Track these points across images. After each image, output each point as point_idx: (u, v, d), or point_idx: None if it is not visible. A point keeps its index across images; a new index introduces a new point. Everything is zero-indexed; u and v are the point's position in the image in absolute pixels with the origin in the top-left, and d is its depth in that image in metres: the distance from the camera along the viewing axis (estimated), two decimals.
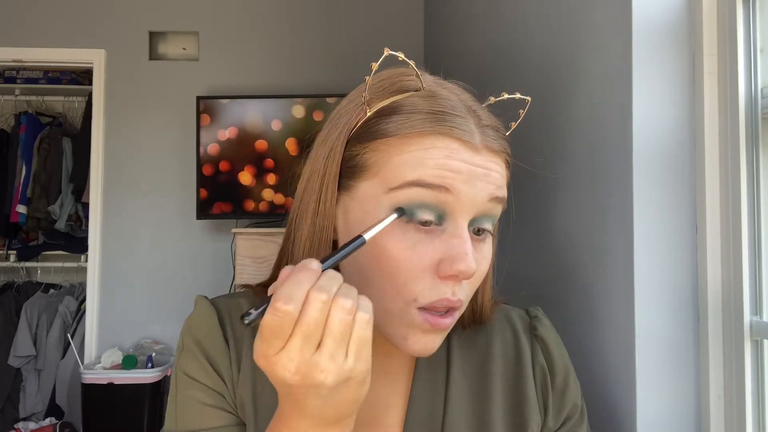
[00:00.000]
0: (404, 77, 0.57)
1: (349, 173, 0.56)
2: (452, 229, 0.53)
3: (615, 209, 0.82)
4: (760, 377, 0.72)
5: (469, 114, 0.55)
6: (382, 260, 0.52)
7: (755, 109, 0.73)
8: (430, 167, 0.52)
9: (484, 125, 0.55)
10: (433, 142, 0.53)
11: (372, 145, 0.55)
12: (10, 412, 3.06)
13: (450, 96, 0.56)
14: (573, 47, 0.98)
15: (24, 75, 3.29)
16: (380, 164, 0.54)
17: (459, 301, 0.53)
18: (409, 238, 0.52)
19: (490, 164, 0.54)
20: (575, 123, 0.97)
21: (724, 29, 0.75)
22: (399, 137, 0.53)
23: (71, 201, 3.16)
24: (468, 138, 0.53)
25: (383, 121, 0.54)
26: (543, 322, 0.69)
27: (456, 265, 0.51)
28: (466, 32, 1.80)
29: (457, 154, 0.52)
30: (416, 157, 0.52)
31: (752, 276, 0.72)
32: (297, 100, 2.71)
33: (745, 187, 0.73)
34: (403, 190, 0.52)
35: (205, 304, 0.65)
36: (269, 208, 2.70)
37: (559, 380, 0.66)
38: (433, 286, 0.52)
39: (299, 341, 0.43)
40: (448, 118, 0.53)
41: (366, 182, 0.55)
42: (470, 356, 0.66)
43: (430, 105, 0.54)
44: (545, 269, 1.08)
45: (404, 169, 0.52)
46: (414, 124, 0.53)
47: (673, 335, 0.77)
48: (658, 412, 0.76)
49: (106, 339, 2.87)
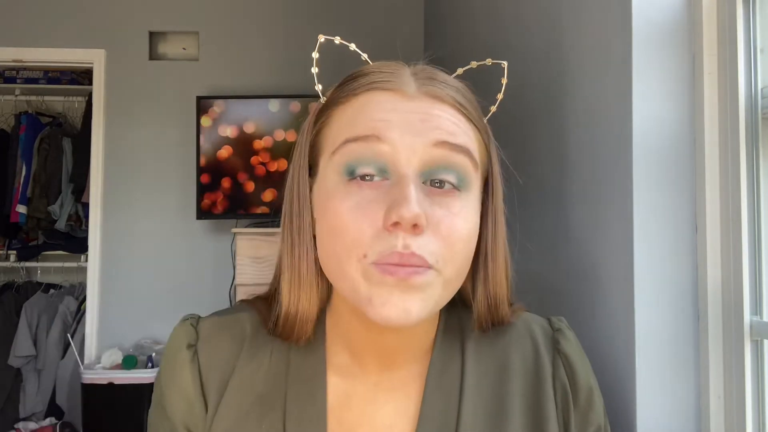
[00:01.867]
0: (361, 65, 0.58)
1: (312, 158, 0.58)
2: (395, 179, 0.51)
3: (615, 209, 0.82)
4: (760, 377, 0.72)
5: (411, 73, 0.55)
6: (332, 222, 0.51)
7: (755, 108, 0.73)
8: (361, 121, 0.52)
9: (429, 78, 0.55)
10: (363, 99, 0.53)
11: (321, 123, 0.57)
12: (10, 412, 3.06)
13: (397, 63, 0.56)
14: (573, 47, 0.98)
15: (24, 75, 3.29)
16: (326, 137, 0.56)
17: (413, 255, 0.49)
18: (352, 196, 0.51)
19: (431, 109, 0.53)
20: (575, 123, 0.97)
21: (724, 29, 0.75)
22: (339, 105, 0.55)
23: (71, 201, 3.15)
24: (398, 86, 0.53)
25: (329, 99, 0.57)
26: (567, 335, 0.64)
27: (397, 210, 0.48)
28: (466, 33, 1.80)
29: (387, 104, 0.52)
30: (350, 116, 0.53)
31: (752, 276, 0.72)
32: (297, 100, 2.71)
33: (745, 186, 0.73)
34: (341, 150, 0.52)
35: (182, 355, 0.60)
36: (269, 208, 2.70)
37: (583, 399, 0.61)
38: (382, 239, 0.49)
39: None
40: (376, 75, 0.54)
41: (321, 159, 0.56)
42: (486, 370, 0.61)
43: (370, 69, 0.56)
44: (544, 269, 1.08)
45: (341, 131, 0.53)
46: (348, 89, 0.54)
47: (673, 335, 0.77)
48: (657, 412, 0.76)
49: (106, 339, 2.87)
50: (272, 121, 2.71)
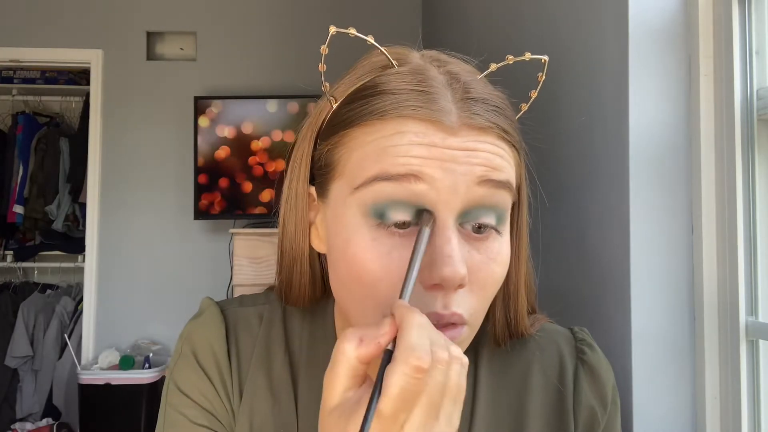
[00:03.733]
0: (374, 57, 0.50)
1: (320, 176, 0.50)
2: (433, 228, 0.44)
3: (611, 210, 0.83)
4: (755, 377, 0.72)
5: (445, 87, 0.46)
6: (356, 271, 0.45)
7: (751, 110, 0.73)
8: (392, 156, 0.44)
9: (468, 98, 0.46)
10: (396, 128, 0.44)
11: (333, 139, 0.48)
12: (6, 412, 3.05)
13: (424, 68, 0.47)
14: (570, 48, 0.98)
15: (21, 75, 3.29)
16: (344, 161, 0.47)
17: (454, 314, 0.44)
18: (382, 245, 0.44)
19: (474, 144, 0.45)
20: (571, 124, 0.97)
21: (720, 31, 0.75)
22: (359, 126, 0.46)
23: (68, 201, 3.15)
24: (438, 117, 0.44)
25: (345, 110, 0.47)
26: (592, 345, 0.59)
27: (438, 270, 0.42)
28: (464, 33, 1.80)
29: (425, 138, 0.44)
30: (378, 147, 0.44)
31: (748, 276, 0.73)
32: (295, 100, 2.71)
33: (741, 188, 0.73)
34: (368, 187, 0.44)
35: (213, 312, 0.58)
36: (267, 208, 2.70)
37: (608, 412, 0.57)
38: (418, 297, 0.43)
39: (425, 413, 0.35)
40: (412, 96, 0.45)
41: (334, 183, 0.48)
42: (503, 386, 0.56)
43: (395, 83, 0.46)
44: (542, 269, 1.08)
45: (366, 164, 0.45)
46: (374, 109, 0.45)
47: (669, 335, 0.77)
48: (654, 412, 0.76)
49: (103, 339, 2.87)
50: (270, 121, 2.71)
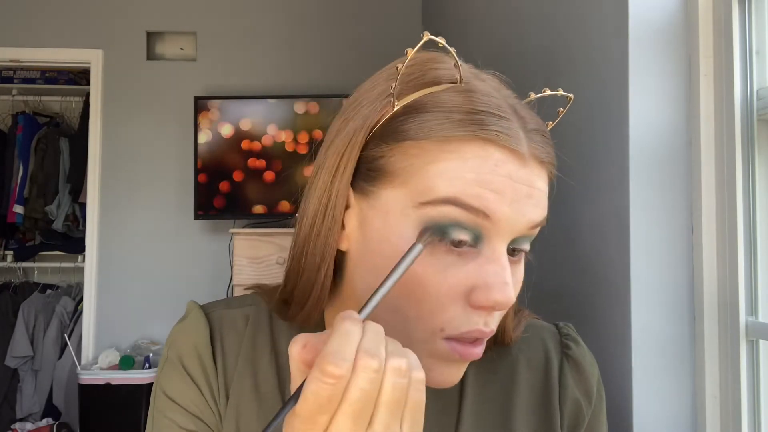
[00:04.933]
0: (437, 65, 0.49)
1: (369, 176, 0.48)
2: (489, 253, 0.45)
3: (611, 210, 0.83)
4: (755, 377, 0.72)
5: (514, 115, 0.46)
6: (408, 284, 0.45)
7: (751, 110, 0.73)
8: (470, 182, 0.44)
9: (530, 129, 0.47)
10: (475, 151, 0.44)
11: (400, 147, 0.46)
12: (6, 412, 3.05)
13: (492, 92, 0.47)
14: (569, 48, 0.98)
15: (21, 75, 3.29)
16: (410, 172, 0.45)
17: (492, 332, 0.47)
18: (439, 261, 0.45)
19: (536, 180, 0.46)
20: (572, 124, 0.97)
21: (720, 31, 0.75)
22: (433, 141, 0.45)
23: (68, 201, 3.15)
24: (515, 145, 0.44)
25: (414, 119, 0.46)
26: (576, 340, 0.61)
27: (493, 295, 0.44)
28: (464, 34, 1.80)
29: (503, 167, 0.44)
30: (454, 167, 0.44)
31: (748, 276, 0.73)
32: (295, 101, 2.71)
33: (741, 188, 0.73)
34: (437, 207, 0.44)
35: (197, 315, 0.58)
36: (267, 208, 2.70)
37: (593, 405, 0.59)
38: (464, 315, 0.45)
39: (349, 419, 0.35)
40: (492, 120, 0.44)
41: (390, 191, 0.46)
42: (489, 385, 0.57)
43: (471, 103, 0.45)
44: (541, 269, 1.08)
45: (439, 182, 0.44)
46: (452, 127, 0.44)
47: (669, 335, 0.77)
48: (654, 412, 0.76)
49: (103, 339, 2.87)
50: (270, 121, 2.71)
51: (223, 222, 2.81)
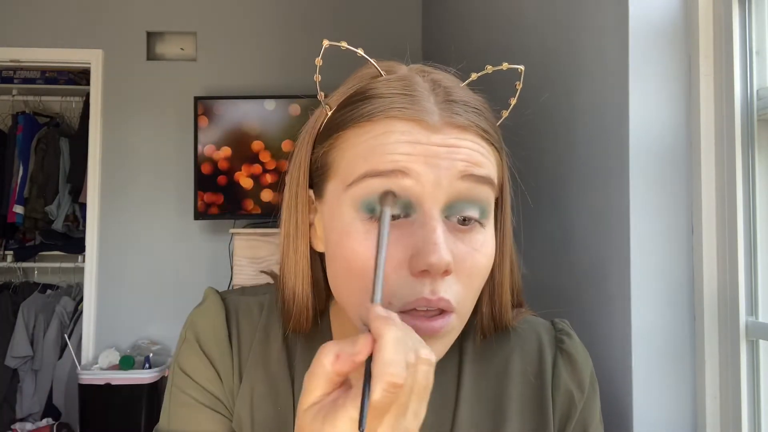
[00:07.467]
0: (366, 69, 0.54)
1: (318, 177, 0.54)
2: (420, 218, 0.48)
3: (611, 210, 0.83)
4: (755, 377, 0.72)
5: (429, 92, 0.50)
6: (350, 263, 0.48)
7: (751, 110, 0.73)
8: (381, 153, 0.48)
9: (449, 101, 0.50)
10: (384, 128, 0.49)
11: (328, 143, 0.52)
12: (6, 412, 3.05)
13: (409, 76, 0.52)
14: (570, 48, 0.98)
15: (21, 75, 3.28)
16: (338, 161, 0.51)
17: (442, 300, 0.47)
18: (374, 237, 0.47)
19: (456, 141, 0.49)
20: (572, 124, 0.97)
21: (720, 31, 0.75)
22: (351, 129, 0.50)
23: (68, 201, 3.15)
24: (421, 116, 0.48)
25: (338, 115, 0.52)
26: (571, 335, 0.63)
27: (425, 257, 0.45)
28: (464, 34, 1.80)
29: (410, 136, 0.48)
30: (368, 146, 0.49)
31: (748, 276, 0.73)
32: (294, 101, 2.71)
33: (741, 187, 0.73)
34: (359, 183, 0.48)
35: (214, 299, 0.62)
36: (267, 208, 2.70)
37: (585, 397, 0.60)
38: (408, 285, 0.47)
39: (393, 414, 0.38)
40: (398, 99, 0.49)
41: (330, 183, 0.52)
42: (485, 373, 0.59)
43: (383, 89, 0.50)
44: (540, 269, 1.08)
45: (358, 162, 0.49)
46: (363, 112, 0.50)
47: (669, 335, 0.77)
48: (654, 412, 0.76)
49: (104, 339, 2.87)
50: (270, 121, 2.71)
51: (223, 222, 2.81)
